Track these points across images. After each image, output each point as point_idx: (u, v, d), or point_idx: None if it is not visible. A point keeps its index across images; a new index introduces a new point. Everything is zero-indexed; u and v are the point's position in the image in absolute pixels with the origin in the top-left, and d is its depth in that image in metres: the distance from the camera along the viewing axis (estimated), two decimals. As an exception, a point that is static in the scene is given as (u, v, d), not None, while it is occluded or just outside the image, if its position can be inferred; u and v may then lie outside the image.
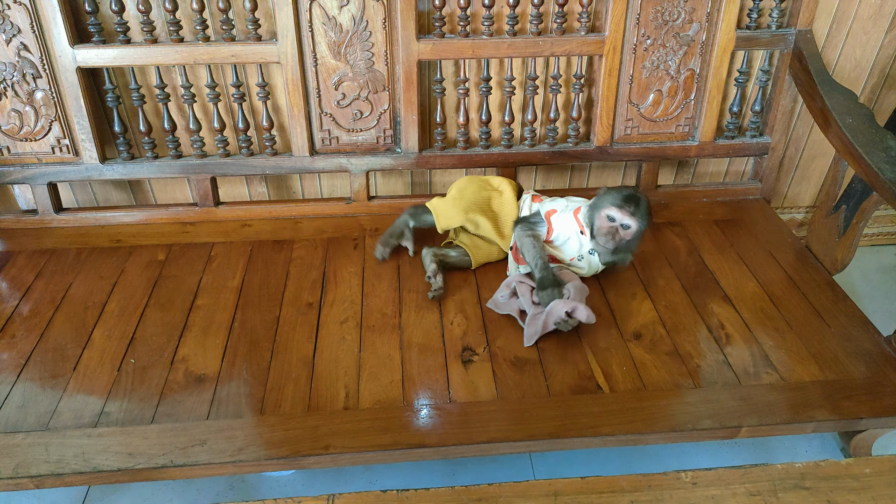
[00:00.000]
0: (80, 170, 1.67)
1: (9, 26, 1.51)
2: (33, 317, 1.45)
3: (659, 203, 1.84)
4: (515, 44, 1.62)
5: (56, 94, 1.58)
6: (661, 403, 1.24)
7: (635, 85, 1.70)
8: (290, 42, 1.57)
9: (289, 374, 1.31)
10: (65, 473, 1.12)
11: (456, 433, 1.19)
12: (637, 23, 1.62)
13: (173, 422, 1.20)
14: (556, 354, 1.35)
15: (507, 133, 1.75)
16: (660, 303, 1.48)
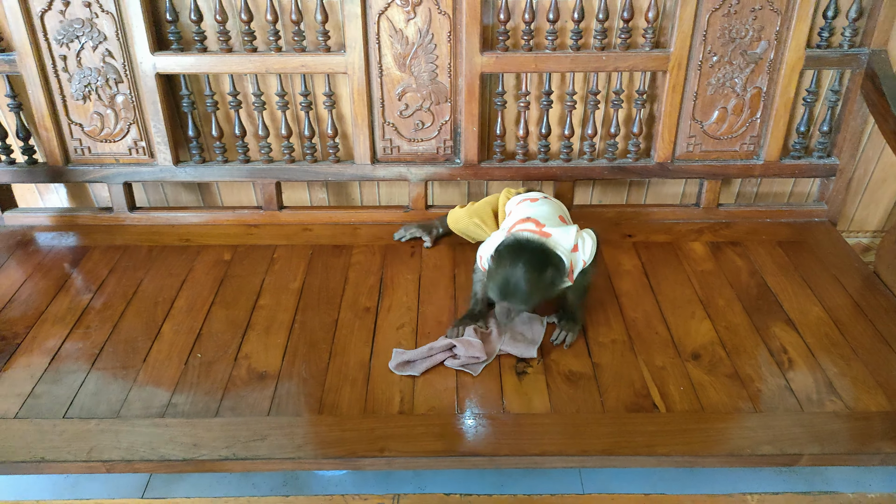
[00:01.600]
0: (155, 171, 1.75)
1: (96, 34, 1.60)
2: (106, 309, 1.52)
3: (720, 222, 1.81)
4: (578, 58, 1.63)
5: (135, 98, 1.67)
6: (719, 426, 1.22)
7: (699, 102, 1.69)
8: (357, 53, 1.61)
9: (346, 376, 1.34)
10: (134, 460, 1.17)
11: (509, 444, 1.20)
12: (704, 39, 1.61)
13: (236, 416, 1.25)
14: (611, 371, 1.34)
15: (567, 147, 1.76)
16: (719, 323, 1.46)
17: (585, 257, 1.40)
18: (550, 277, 1.30)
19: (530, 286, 1.27)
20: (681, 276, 1.61)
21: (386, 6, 1.57)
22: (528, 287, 1.27)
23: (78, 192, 1.93)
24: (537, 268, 1.28)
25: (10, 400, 1.29)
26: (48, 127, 1.69)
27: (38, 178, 1.77)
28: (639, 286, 1.57)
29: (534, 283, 1.27)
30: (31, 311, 1.52)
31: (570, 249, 1.37)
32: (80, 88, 1.65)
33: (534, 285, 1.27)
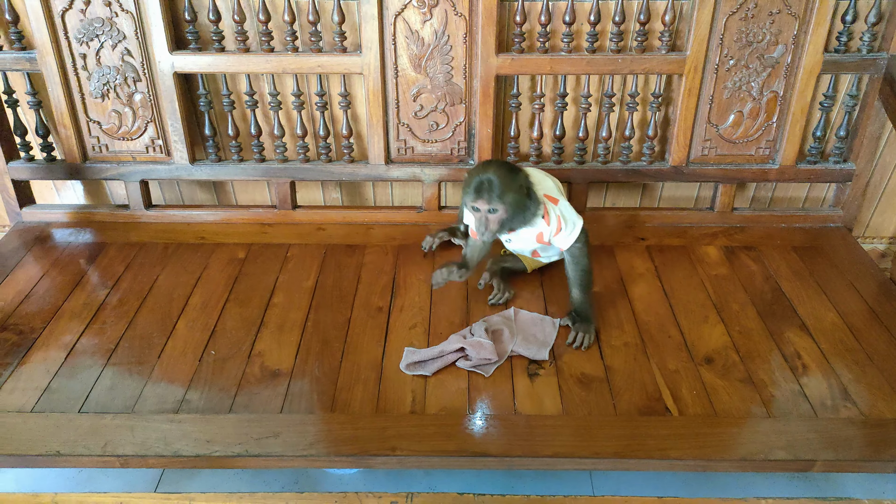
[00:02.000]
0: (171, 169, 1.77)
1: (115, 33, 1.62)
2: (122, 305, 1.53)
3: (735, 227, 1.80)
4: (594, 61, 1.63)
5: (153, 97, 1.68)
6: (732, 431, 1.22)
7: (715, 105, 1.68)
8: (373, 54, 1.62)
9: (358, 374, 1.34)
10: (148, 455, 1.18)
11: (521, 445, 1.20)
12: (720, 43, 1.61)
13: (249, 413, 1.25)
14: (623, 374, 1.34)
15: (581, 149, 1.76)
16: (733, 328, 1.45)
17: (567, 231, 1.42)
18: (523, 181, 1.36)
19: (502, 181, 1.33)
20: (694, 279, 1.60)
21: (402, 8, 1.58)
22: (501, 182, 1.32)
23: (94, 190, 1.95)
24: (509, 169, 1.36)
25: (27, 394, 1.30)
26: (67, 124, 1.71)
27: (56, 175, 1.79)
28: (652, 289, 1.57)
29: (505, 179, 1.33)
30: (47, 306, 1.53)
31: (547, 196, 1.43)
32: (98, 87, 1.67)
33: (506, 182, 1.33)
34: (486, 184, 1.33)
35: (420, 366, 1.35)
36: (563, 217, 1.43)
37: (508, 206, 1.35)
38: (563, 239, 1.44)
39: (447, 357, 1.36)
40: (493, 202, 1.34)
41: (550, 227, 1.43)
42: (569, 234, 1.43)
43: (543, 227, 1.43)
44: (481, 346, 1.36)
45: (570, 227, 1.43)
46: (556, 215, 1.43)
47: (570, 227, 1.43)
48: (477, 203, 1.35)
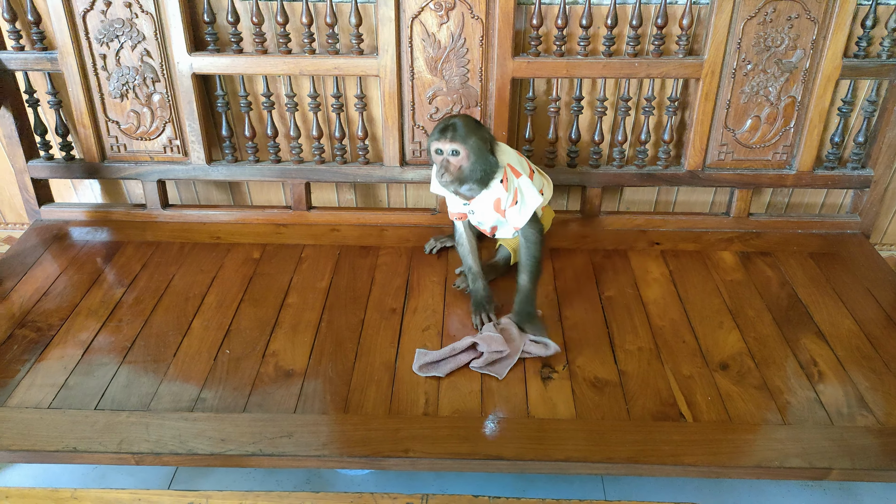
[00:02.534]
0: (188, 169, 1.78)
1: (135, 34, 1.63)
2: (138, 304, 1.55)
3: (750, 232, 1.79)
4: (611, 64, 1.63)
5: (171, 97, 1.70)
6: (746, 437, 1.21)
7: (732, 110, 1.67)
8: (390, 57, 1.62)
9: (371, 376, 1.35)
10: (163, 453, 1.19)
11: (533, 448, 1.20)
12: (738, 47, 1.60)
13: (263, 412, 1.26)
14: (637, 378, 1.33)
15: (596, 153, 1.75)
16: (748, 334, 1.44)
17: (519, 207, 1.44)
18: (487, 136, 1.41)
19: (466, 126, 1.37)
20: (709, 285, 1.59)
21: (419, 10, 1.58)
22: (465, 126, 1.36)
23: (111, 189, 1.97)
24: (475, 121, 1.41)
25: (44, 390, 1.32)
26: (86, 124, 1.73)
27: (74, 174, 1.81)
28: (666, 294, 1.56)
29: (470, 126, 1.37)
30: (65, 303, 1.55)
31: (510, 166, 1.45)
32: (118, 87, 1.69)
33: (470, 127, 1.37)
34: (451, 126, 1.37)
35: (433, 367, 1.35)
36: (521, 191, 1.44)
37: (470, 150, 1.37)
38: (516, 215, 1.45)
39: (459, 357, 1.36)
40: (455, 142, 1.35)
41: (508, 193, 1.44)
42: (520, 210, 1.45)
43: (501, 192, 1.44)
44: (491, 339, 1.36)
45: (523, 203, 1.44)
46: (514, 186, 1.44)
47: (522, 205, 1.44)
48: (440, 143, 1.37)
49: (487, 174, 1.41)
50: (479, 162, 1.38)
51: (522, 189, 1.44)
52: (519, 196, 1.44)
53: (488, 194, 1.45)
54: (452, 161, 1.38)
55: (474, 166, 1.38)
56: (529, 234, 1.46)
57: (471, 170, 1.39)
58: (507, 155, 1.47)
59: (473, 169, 1.39)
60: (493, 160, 1.41)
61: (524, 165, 1.51)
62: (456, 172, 1.38)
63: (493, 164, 1.41)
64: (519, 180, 1.44)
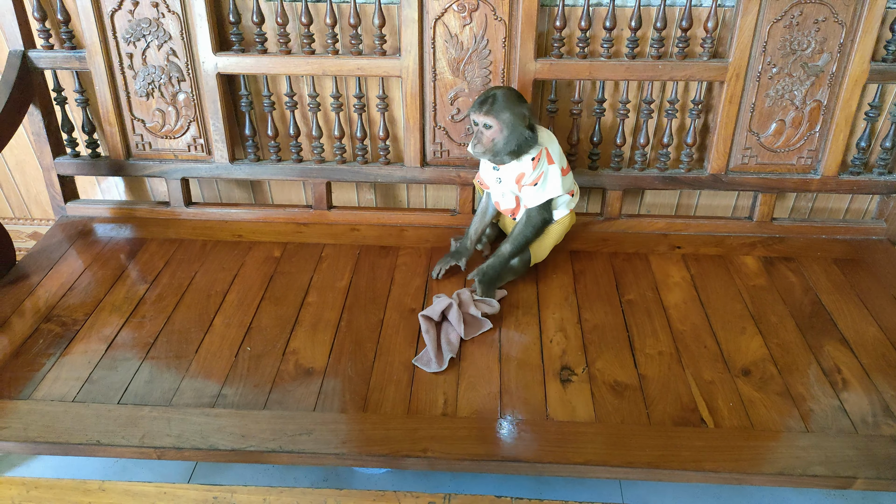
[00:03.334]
0: (211, 168, 1.80)
1: (162, 33, 1.65)
2: (161, 301, 1.57)
3: (774, 237, 1.77)
4: (634, 67, 1.62)
5: (196, 96, 1.72)
6: (769, 444, 1.20)
7: (756, 113, 1.66)
8: (412, 58, 1.63)
9: (390, 375, 1.35)
10: (184, 448, 1.21)
11: (552, 451, 1.19)
12: (763, 50, 1.58)
13: (283, 409, 1.27)
14: (657, 383, 1.32)
15: (617, 156, 1.74)
16: (771, 340, 1.43)
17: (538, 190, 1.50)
18: (527, 112, 1.44)
19: (505, 101, 1.41)
20: (731, 290, 1.58)
21: (443, 12, 1.59)
22: (504, 100, 1.41)
23: (135, 186, 1.99)
24: (517, 95, 1.45)
25: (69, 383, 1.34)
26: (112, 122, 1.75)
27: (100, 171, 1.84)
28: (687, 299, 1.55)
29: (509, 100, 1.42)
30: (89, 299, 1.57)
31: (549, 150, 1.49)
32: (144, 86, 1.71)
33: (508, 102, 1.41)
34: (490, 99, 1.41)
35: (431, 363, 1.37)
36: (546, 176, 1.49)
37: (504, 124, 1.42)
38: (531, 194, 1.51)
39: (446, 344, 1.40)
40: (489, 115, 1.41)
41: (533, 173, 1.48)
42: (536, 193, 1.50)
43: (528, 167, 1.49)
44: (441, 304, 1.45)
45: (542, 188, 1.50)
46: (542, 169, 1.48)
47: (541, 188, 1.50)
48: (476, 114, 1.43)
49: (521, 148, 1.45)
50: (513, 137, 1.43)
51: (549, 175, 1.49)
52: (542, 179, 1.49)
53: (517, 166, 1.49)
54: (486, 133, 1.43)
55: (508, 140, 1.43)
56: (534, 214, 1.52)
57: (504, 143, 1.44)
58: (549, 141, 1.51)
59: (507, 143, 1.44)
60: (530, 136, 1.45)
61: (563, 160, 1.55)
62: (488, 144, 1.44)
63: (529, 140, 1.45)
64: (550, 167, 1.49)
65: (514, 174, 1.50)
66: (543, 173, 1.48)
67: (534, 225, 1.52)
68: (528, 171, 1.48)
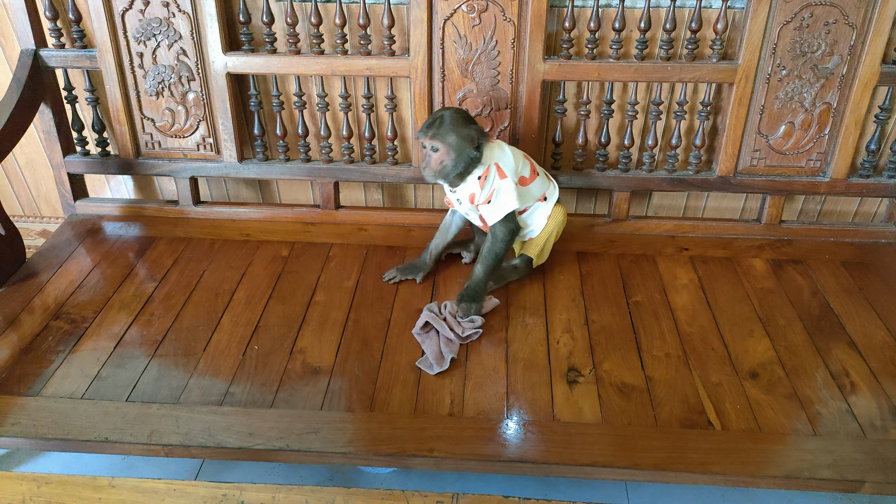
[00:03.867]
0: (220, 167, 1.81)
1: (172, 32, 1.66)
2: (169, 298, 1.57)
3: (782, 239, 1.77)
4: (643, 68, 1.62)
5: (206, 96, 1.73)
6: (776, 447, 1.19)
7: (766, 115, 1.65)
8: (421, 58, 1.63)
9: (397, 375, 1.35)
10: (192, 445, 1.21)
11: (559, 452, 1.19)
12: (773, 52, 1.58)
13: (290, 408, 1.27)
14: (664, 385, 1.32)
15: (625, 157, 1.74)
16: (779, 343, 1.42)
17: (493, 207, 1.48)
18: (475, 134, 1.43)
19: (451, 123, 1.41)
20: (739, 292, 1.57)
21: (452, 12, 1.59)
22: (450, 123, 1.41)
23: (144, 185, 2.00)
24: (464, 117, 1.45)
25: (77, 380, 1.35)
26: (122, 121, 1.76)
27: (110, 170, 1.85)
28: (695, 301, 1.55)
29: (455, 123, 1.42)
30: (98, 296, 1.58)
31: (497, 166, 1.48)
32: (154, 85, 1.72)
33: (454, 125, 1.42)
34: (437, 121, 1.42)
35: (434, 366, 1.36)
36: (498, 192, 1.47)
37: (450, 147, 1.42)
38: (489, 211, 1.50)
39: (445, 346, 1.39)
40: (435, 139, 1.42)
41: (483, 191, 1.48)
42: (493, 209, 1.49)
43: (476, 187, 1.48)
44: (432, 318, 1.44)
45: (497, 205, 1.48)
46: (492, 186, 1.47)
47: (497, 205, 1.48)
48: (423, 137, 1.44)
49: (467, 169, 1.46)
50: (460, 159, 1.44)
51: (501, 191, 1.47)
52: (494, 196, 1.48)
53: (467, 186, 1.50)
54: (434, 156, 1.44)
55: (455, 162, 1.44)
56: (498, 231, 1.51)
57: (452, 166, 1.45)
58: (500, 156, 1.49)
59: (455, 165, 1.45)
60: (474, 157, 1.45)
61: (525, 167, 1.53)
62: (437, 167, 1.45)
63: (474, 161, 1.45)
64: (501, 182, 1.47)
65: (467, 194, 1.51)
66: (495, 190, 1.47)
67: (501, 240, 1.50)
68: (478, 190, 1.48)
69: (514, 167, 1.50)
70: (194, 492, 0.85)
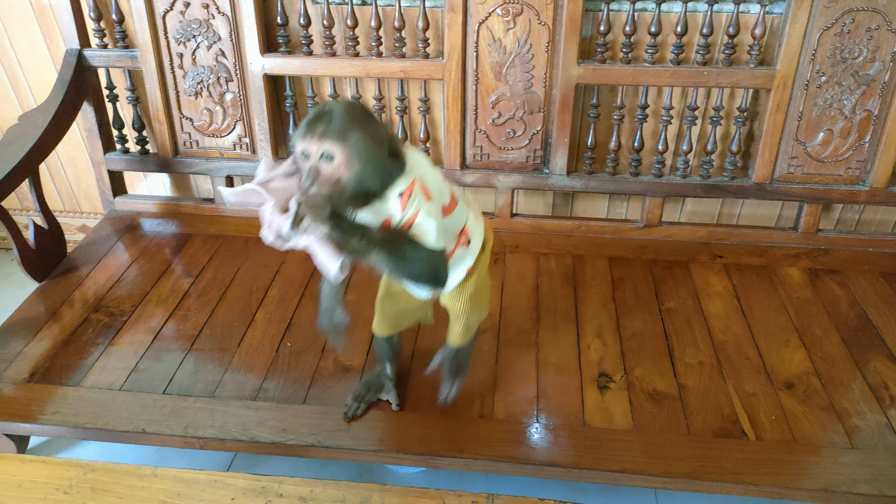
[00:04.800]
0: (255, 166, 1.83)
1: (211, 34, 1.69)
2: (205, 295, 1.60)
3: (819, 249, 1.74)
4: (678, 73, 1.60)
5: (243, 96, 1.76)
6: (812, 459, 1.17)
7: (804, 122, 1.63)
8: (455, 61, 1.64)
9: (427, 375, 1.36)
10: (226, 439, 1.23)
11: (589, 457, 1.19)
12: (812, 58, 1.55)
13: (322, 405, 1.29)
14: (697, 393, 1.31)
15: (659, 162, 1.73)
16: (815, 353, 1.40)
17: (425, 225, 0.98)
18: (384, 134, 0.95)
19: (351, 117, 0.91)
20: (775, 301, 1.55)
21: (487, 16, 1.59)
22: (349, 117, 0.91)
23: (180, 182, 2.04)
24: (363, 110, 0.95)
25: (116, 372, 1.38)
26: (161, 120, 1.80)
27: (148, 168, 1.89)
28: (729, 309, 1.53)
29: (357, 116, 0.92)
30: (136, 291, 1.62)
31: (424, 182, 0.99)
32: (193, 85, 1.76)
33: (356, 119, 0.91)
34: (326, 116, 0.90)
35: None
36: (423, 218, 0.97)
37: (355, 152, 0.90)
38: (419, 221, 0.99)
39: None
40: (328, 141, 0.89)
41: (402, 215, 0.97)
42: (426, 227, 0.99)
43: (396, 209, 0.97)
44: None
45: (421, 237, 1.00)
46: (416, 208, 0.96)
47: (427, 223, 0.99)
48: (306, 141, 0.90)
49: (385, 182, 0.96)
50: (371, 169, 0.93)
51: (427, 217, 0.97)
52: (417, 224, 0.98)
53: (377, 209, 0.98)
54: (325, 168, 0.91)
55: (363, 177, 0.92)
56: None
57: (357, 182, 0.92)
58: (422, 166, 1.03)
59: (363, 180, 0.92)
60: (396, 168, 0.97)
61: (444, 189, 1.07)
62: (331, 184, 0.91)
63: (395, 173, 0.96)
64: (428, 206, 0.98)
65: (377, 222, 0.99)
66: (418, 212, 0.97)
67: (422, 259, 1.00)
68: (397, 211, 0.97)
69: (439, 185, 1.05)
70: (234, 483, 0.87)
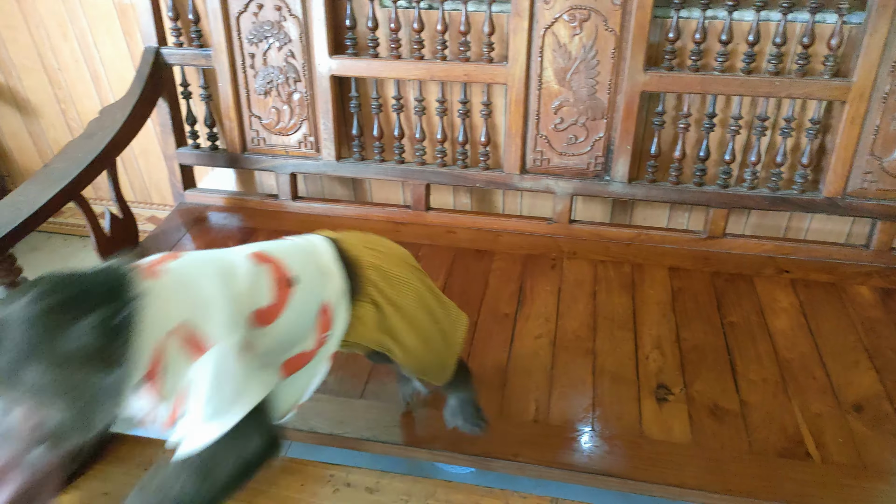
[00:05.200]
0: (319, 165, 1.88)
1: (282, 35, 1.74)
2: (266, 288, 1.64)
3: (892, 267, 1.67)
4: (749, 82, 1.57)
5: (310, 97, 1.80)
6: (881, 487, 1.13)
7: (880, 136, 1.57)
8: (519, 65, 1.64)
9: (482, 377, 1.36)
10: (286, 428, 1.26)
11: (646, 470, 1.17)
12: (892, 70, 1.50)
13: (379, 401, 1.31)
14: (761, 411, 1.27)
15: (725, 173, 1.69)
16: (887, 376, 1.34)
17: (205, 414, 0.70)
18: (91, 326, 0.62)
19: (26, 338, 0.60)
20: (844, 320, 1.50)
21: (552, 21, 1.59)
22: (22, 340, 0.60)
23: (245, 178, 2.10)
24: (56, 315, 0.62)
25: (181, 359, 1.43)
26: (232, 117, 1.86)
27: (217, 163, 1.95)
28: (795, 326, 1.48)
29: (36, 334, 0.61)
30: (201, 281, 1.67)
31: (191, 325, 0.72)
32: (263, 84, 1.81)
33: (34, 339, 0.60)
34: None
35: None
36: (212, 372, 0.71)
37: (38, 395, 0.60)
38: (193, 428, 0.70)
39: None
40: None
41: (167, 399, 0.72)
42: (208, 419, 0.70)
43: (150, 403, 0.72)
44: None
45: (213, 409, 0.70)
46: (183, 381, 0.71)
47: (211, 410, 0.70)
48: None
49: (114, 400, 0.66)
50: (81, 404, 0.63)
51: (214, 376, 0.70)
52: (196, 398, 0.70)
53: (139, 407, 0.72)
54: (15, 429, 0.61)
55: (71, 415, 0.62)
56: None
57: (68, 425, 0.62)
58: (186, 300, 0.75)
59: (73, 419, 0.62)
60: (121, 371, 0.65)
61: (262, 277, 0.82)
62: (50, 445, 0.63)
63: (122, 370, 0.65)
64: (212, 356, 0.71)
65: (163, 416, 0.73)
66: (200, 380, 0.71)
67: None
68: (153, 405, 0.72)
69: (231, 306, 0.76)
70: (303, 469, 0.90)
